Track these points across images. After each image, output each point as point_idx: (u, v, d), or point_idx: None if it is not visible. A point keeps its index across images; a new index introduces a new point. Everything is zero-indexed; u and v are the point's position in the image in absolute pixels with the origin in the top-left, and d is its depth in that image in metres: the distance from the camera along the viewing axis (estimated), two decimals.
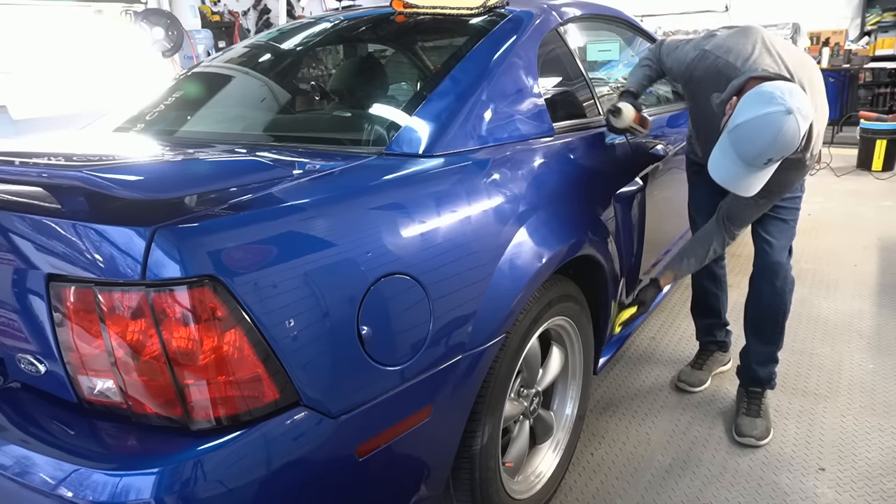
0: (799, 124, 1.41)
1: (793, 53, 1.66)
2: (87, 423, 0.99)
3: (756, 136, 1.44)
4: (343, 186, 1.17)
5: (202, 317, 0.90)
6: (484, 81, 1.52)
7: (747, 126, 1.45)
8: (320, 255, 1.01)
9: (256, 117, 1.86)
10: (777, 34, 7.53)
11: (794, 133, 1.42)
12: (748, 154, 1.47)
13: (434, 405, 1.21)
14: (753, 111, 1.44)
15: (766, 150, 1.45)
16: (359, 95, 1.93)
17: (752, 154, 1.47)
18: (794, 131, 1.41)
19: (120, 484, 0.88)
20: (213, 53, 4.62)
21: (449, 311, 1.20)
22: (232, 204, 1.00)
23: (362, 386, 1.07)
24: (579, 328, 1.74)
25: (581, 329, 1.75)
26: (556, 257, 1.46)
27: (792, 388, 2.25)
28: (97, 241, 0.90)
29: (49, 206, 0.96)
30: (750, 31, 1.69)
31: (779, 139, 1.42)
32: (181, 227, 0.90)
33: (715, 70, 1.70)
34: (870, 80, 7.56)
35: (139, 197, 1.01)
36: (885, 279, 3.17)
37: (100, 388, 0.97)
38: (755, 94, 1.47)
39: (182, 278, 0.88)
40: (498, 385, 1.39)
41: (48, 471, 0.93)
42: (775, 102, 1.41)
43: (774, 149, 1.44)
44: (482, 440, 1.38)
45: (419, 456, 1.25)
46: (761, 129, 1.43)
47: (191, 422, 0.94)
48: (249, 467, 0.95)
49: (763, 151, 1.45)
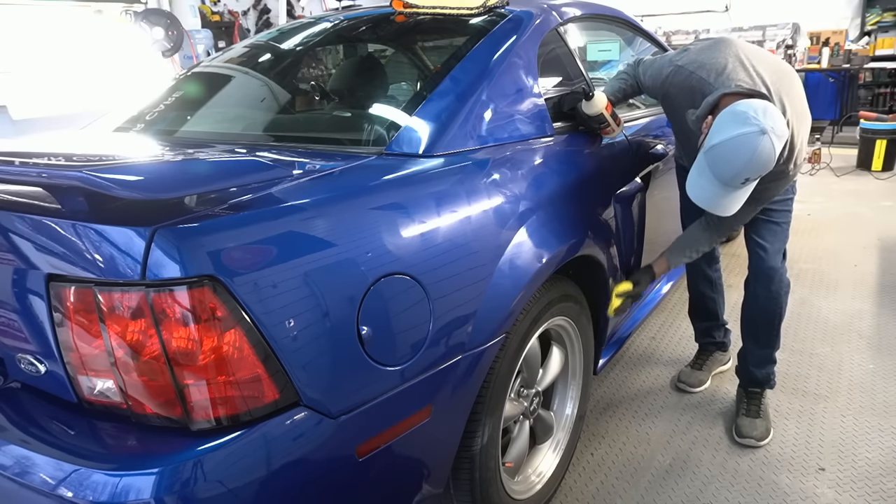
0: (773, 144, 1.42)
1: (769, 64, 1.65)
2: (87, 423, 0.99)
3: (732, 157, 1.45)
4: (343, 186, 1.17)
5: (202, 317, 0.90)
6: (484, 81, 1.52)
7: (722, 147, 1.45)
8: (320, 255, 1.01)
9: (256, 117, 1.86)
10: (777, 34, 7.43)
11: (770, 153, 1.43)
12: (725, 175, 1.48)
13: (434, 405, 1.21)
14: (727, 132, 1.44)
15: (742, 171, 1.46)
16: (359, 95, 1.93)
17: (728, 175, 1.47)
18: (768, 151, 1.42)
19: (120, 484, 0.88)
20: (213, 53, 4.62)
21: (449, 311, 1.20)
22: (232, 204, 1.00)
23: (362, 386, 1.07)
24: (579, 328, 1.74)
25: (581, 329, 1.75)
26: (555, 257, 1.47)
27: (792, 388, 2.25)
28: (97, 241, 0.90)
29: (49, 206, 0.96)
30: (723, 45, 1.67)
31: (753, 160, 1.43)
32: (181, 227, 0.90)
33: (688, 86, 1.69)
34: (870, 80, 7.57)
35: (139, 197, 1.01)
36: (885, 279, 3.17)
37: (100, 389, 0.97)
38: (729, 114, 1.47)
39: (182, 278, 0.88)
40: (498, 385, 1.39)
41: (48, 471, 0.93)
42: (749, 123, 1.42)
43: (750, 169, 1.45)
44: (482, 440, 1.38)
45: (419, 456, 1.25)
46: (736, 150, 1.43)
47: (191, 422, 0.94)
48: (249, 467, 0.95)
49: (739, 172, 1.46)
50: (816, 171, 5.65)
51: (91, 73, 5.38)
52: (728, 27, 7.95)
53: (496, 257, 1.32)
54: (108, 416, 0.99)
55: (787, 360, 2.40)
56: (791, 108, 1.60)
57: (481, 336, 1.28)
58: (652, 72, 1.83)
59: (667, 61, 1.78)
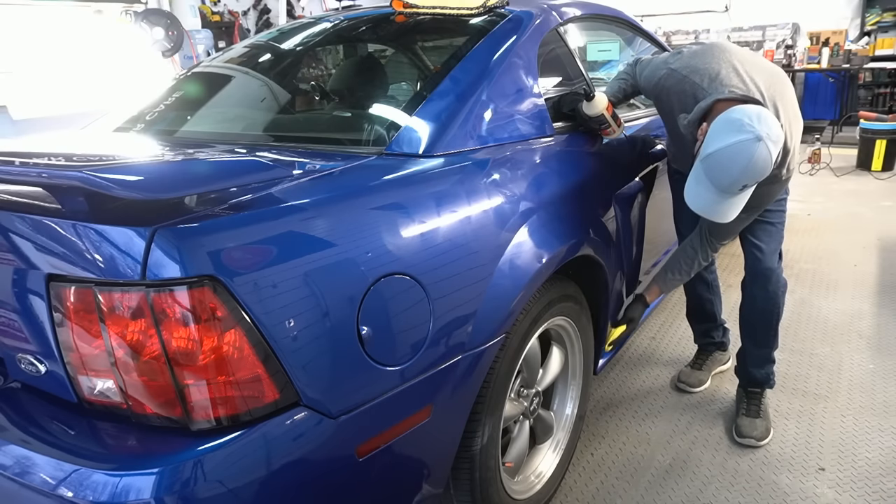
0: (770, 150, 1.42)
1: (762, 68, 1.64)
2: (88, 424, 0.99)
3: (729, 165, 1.45)
4: (343, 187, 1.17)
5: (202, 317, 0.90)
6: (484, 82, 1.52)
7: (719, 155, 1.45)
8: (320, 255, 1.01)
9: (256, 117, 1.86)
10: (777, 35, 7.44)
11: (766, 159, 1.43)
12: (722, 182, 1.48)
13: (434, 405, 1.21)
14: (724, 140, 1.44)
15: (740, 178, 1.46)
16: (358, 95, 1.93)
17: (726, 182, 1.48)
18: (765, 158, 1.42)
19: (120, 484, 0.89)
20: (213, 53, 4.62)
21: (449, 311, 1.20)
22: (232, 204, 1.00)
23: (362, 386, 1.07)
24: (579, 328, 1.74)
25: (581, 329, 1.75)
26: (556, 257, 1.47)
27: (792, 388, 2.25)
28: (97, 241, 0.90)
29: (49, 206, 0.96)
30: (716, 49, 1.66)
31: (750, 167, 1.43)
32: (181, 227, 0.90)
33: (681, 90, 1.69)
34: (869, 80, 7.56)
35: (139, 197, 1.01)
36: (885, 279, 3.17)
37: (100, 389, 0.97)
38: (724, 122, 1.47)
39: (182, 278, 0.88)
40: (498, 385, 1.39)
41: (48, 471, 0.93)
42: (745, 130, 1.42)
43: (747, 176, 1.45)
44: (482, 440, 1.38)
45: (419, 456, 1.25)
46: (733, 157, 1.43)
47: (191, 422, 0.94)
48: (250, 467, 0.95)
49: (737, 179, 1.46)
50: (816, 171, 5.65)
51: (91, 74, 5.38)
52: (728, 27, 7.95)
53: (496, 257, 1.32)
54: (109, 416, 0.99)
55: (786, 359, 2.40)
56: (784, 113, 1.60)
57: (481, 336, 1.28)
58: (647, 72, 1.83)
59: (661, 62, 1.78)
